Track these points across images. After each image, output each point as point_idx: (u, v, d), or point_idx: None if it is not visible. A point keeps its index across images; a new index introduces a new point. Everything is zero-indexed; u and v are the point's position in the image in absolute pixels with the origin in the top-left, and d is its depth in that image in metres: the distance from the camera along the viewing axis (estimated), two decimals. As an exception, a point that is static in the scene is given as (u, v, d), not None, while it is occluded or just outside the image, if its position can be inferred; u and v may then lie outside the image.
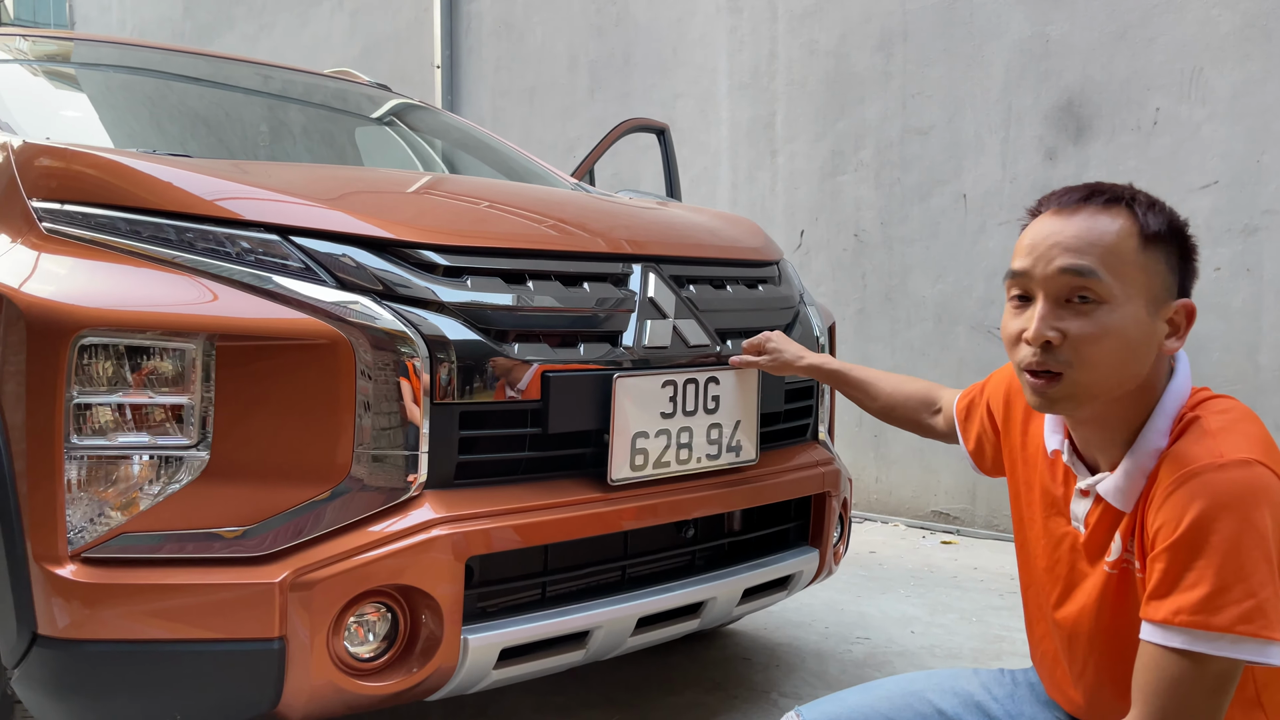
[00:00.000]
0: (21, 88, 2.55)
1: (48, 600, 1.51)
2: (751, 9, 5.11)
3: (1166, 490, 1.15)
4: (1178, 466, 1.15)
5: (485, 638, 1.66)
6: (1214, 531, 1.09)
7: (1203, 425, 1.18)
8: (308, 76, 3.42)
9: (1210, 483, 1.11)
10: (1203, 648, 1.09)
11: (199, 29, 9.79)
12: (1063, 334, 1.18)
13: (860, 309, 4.68)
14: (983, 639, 2.93)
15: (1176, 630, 1.10)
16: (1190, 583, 1.10)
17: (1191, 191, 3.66)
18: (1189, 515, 1.11)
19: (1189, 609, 1.09)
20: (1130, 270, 1.17)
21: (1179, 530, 1.12)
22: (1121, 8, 3.82)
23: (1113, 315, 1.17)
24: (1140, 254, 1.18)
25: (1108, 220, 1.18)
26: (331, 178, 2.03)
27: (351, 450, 1.59)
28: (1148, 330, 1.19)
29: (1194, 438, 1.17)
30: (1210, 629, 1.08)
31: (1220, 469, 1.12)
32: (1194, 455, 1.15)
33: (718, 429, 1.95)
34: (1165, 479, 1.16)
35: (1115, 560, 1.26)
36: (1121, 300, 1.17)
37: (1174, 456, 1.17)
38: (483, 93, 6.76)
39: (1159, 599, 1.13)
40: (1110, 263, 1.17)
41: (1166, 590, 1.12)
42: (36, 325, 1.53)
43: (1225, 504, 1.10)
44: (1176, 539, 1.12)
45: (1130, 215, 1.19)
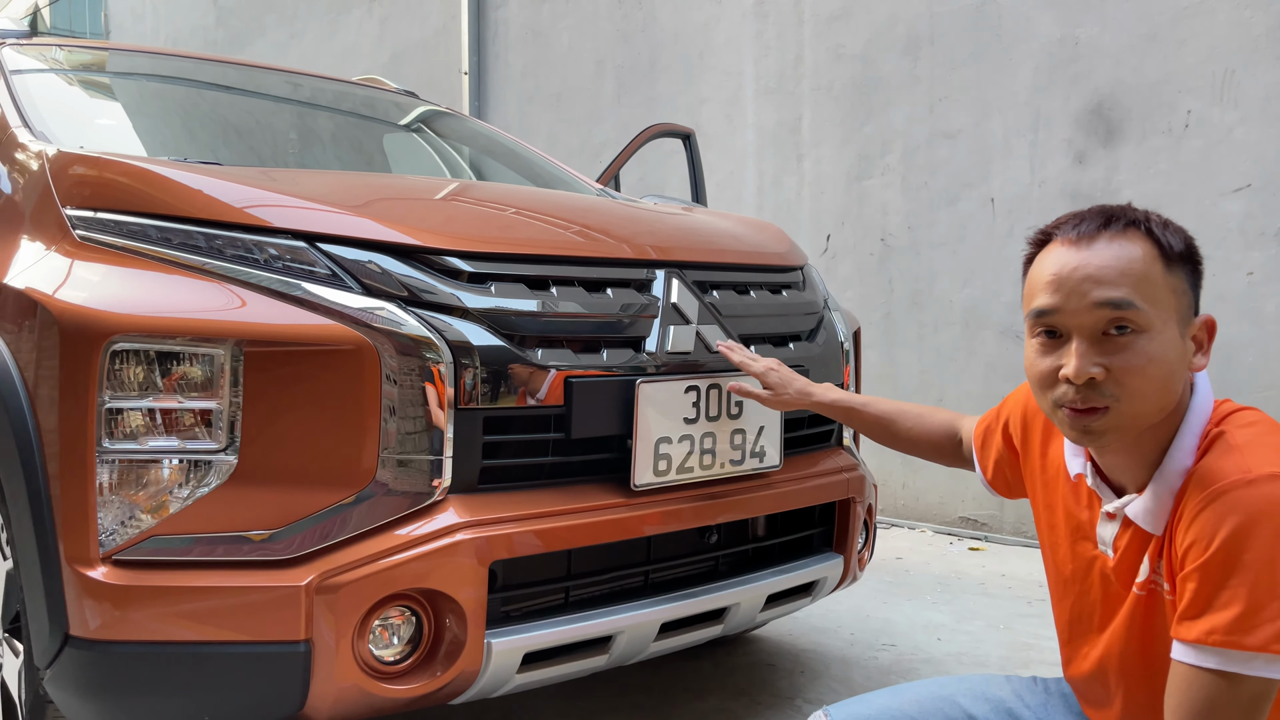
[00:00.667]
0: (57, 97, 2.60)
1: (79, 601, 1.54)
2: (777, 13, 5.10)
3: (1195, 508, 1.12)
4: (1206, 484, 1.13)
5: (509, 642, 1.67)
6: (1246, 549, 1.07)
7: (1228, 440, 1.16)
8: (336, 84, 3.45)
9: (1240, 499, 1.09)
10: (1237, 668, 1.07)
11: (231, 36, 9.92)
12: (1105, 369, 1.15)
13: (887, 314, 4.66)
14: (1010, 647, 2.91)
15: (1210, 650, 1.08)
16: (1223, 602, 1.08)
17: (1224, 195, 3.61)
18: (1220, 533, 1.08)
19: (1222, 629, 1.07)
20: (1162, 294, 1.15)
21: (1210, 549, 1.09)
22: (1152, 9, 3.78)
23: (1153, 343, 1.14)
24: (1167, 276, 1.15)
25: (1130, 246, 1.16)
26: (358, 185, 2.05)
27: (377, 455, 1.60)
28: (1182, 352, 1.17)
29: (1220, 453, 1.15)
30: (1244, 649, 1.06)
31: (1250, 485, 1.09)
32: (1222, 471, 1.12)
33: (741, 434, 1.95)
34: (1193, 497, 1.14)
35: (1143, 582, 1.23)
36: (1159, 327, 1.15)
37: (1201, 474, 1.14)
38: (509, 98, 6.80)
39: (1191, 619, 1.10)
40: (1144, 290, 1.14)
41: (1199, 610, 1.10)
42: (69, 331, 1.56)
43: (1257, 520, 1.07)
44: (1208, 558, 1.09)
45: (1149, 238, 1.16)
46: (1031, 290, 1.22)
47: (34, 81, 2.51)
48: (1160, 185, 3.77)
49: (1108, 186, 3.91)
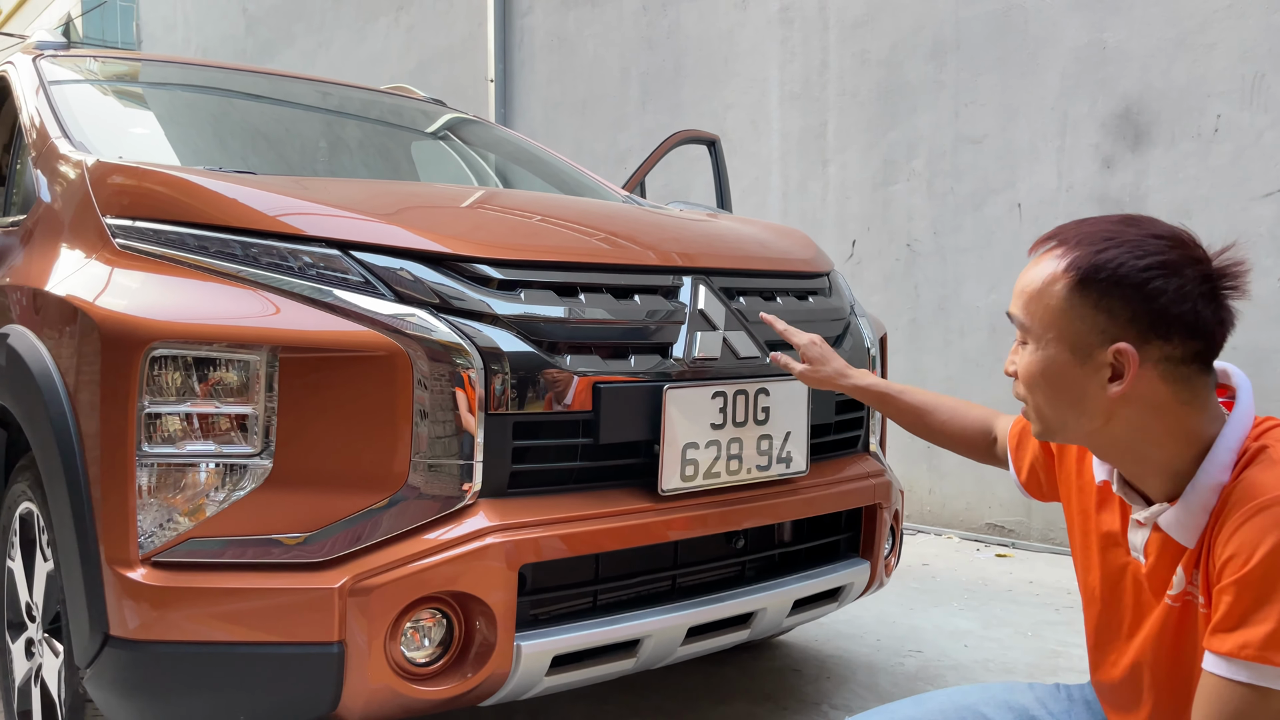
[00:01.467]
0: (94, 107, 2.65)
1: (119, 602, 1.57)
2: (803, 19, 5.11)
3: (1237, 522, 1.13)
4: (1248, 498, 1.13)
5: (538, 645, 1.68)
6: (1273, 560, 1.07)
7: (1271, 455, 1.16)
8: (365, 92, 3.50)
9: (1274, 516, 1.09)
10: (1269, 683, 1.07)
11: (260, 45, 10.04)
12: (1015, 371, 1.28)
13: (913, 319, 4.65)
14: (1038, 654, 2.90)
15: (1242, 664, 1.09)
16: (1260, 617, 1.08)
17: (1254, 200, 3.58)
18: (1260, 549, 1.09)
19: (1257, 644, 1.07)
20: (1050, 315, 1.21)
21: (1249, 564, 1.09)
22: (1181, 13, 3.76)
23: (1033, 357, 1.24)
24: (1066, 299, 1.19)
25: (1045, 265, 1.23)
26: (389, 193, 2.08)
27: (409, 459, 1.63)
28: (1074, 374, 1.20)
29: (1262, 468, 1.15)
30: (1277, 664, 1.07)
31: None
32: (1265, 486, 1.12)
33: (768, 440, 1.96)
34: (1235, 511, 1.14)
35: (1178, 594, 1.24)
36: (1042, 345, 1.23)
37: (1244, 487, 1.15)
38: (535, 105, 6.84)
39: (1225, 631, 1.11)
40: (1032, 308, 1.23)
41: (1234, 624, 1.10)
42: (110, 337, 1.60)
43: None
44: (1246, 572, 1.10)
45: (1064, 260, 1.20)
46: None
47: (71, 92, 2.56)
48: (1189, 190, 3.74)
49: (1136, 191, 3.89)
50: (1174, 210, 3.78)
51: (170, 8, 12.15)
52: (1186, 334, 1.17)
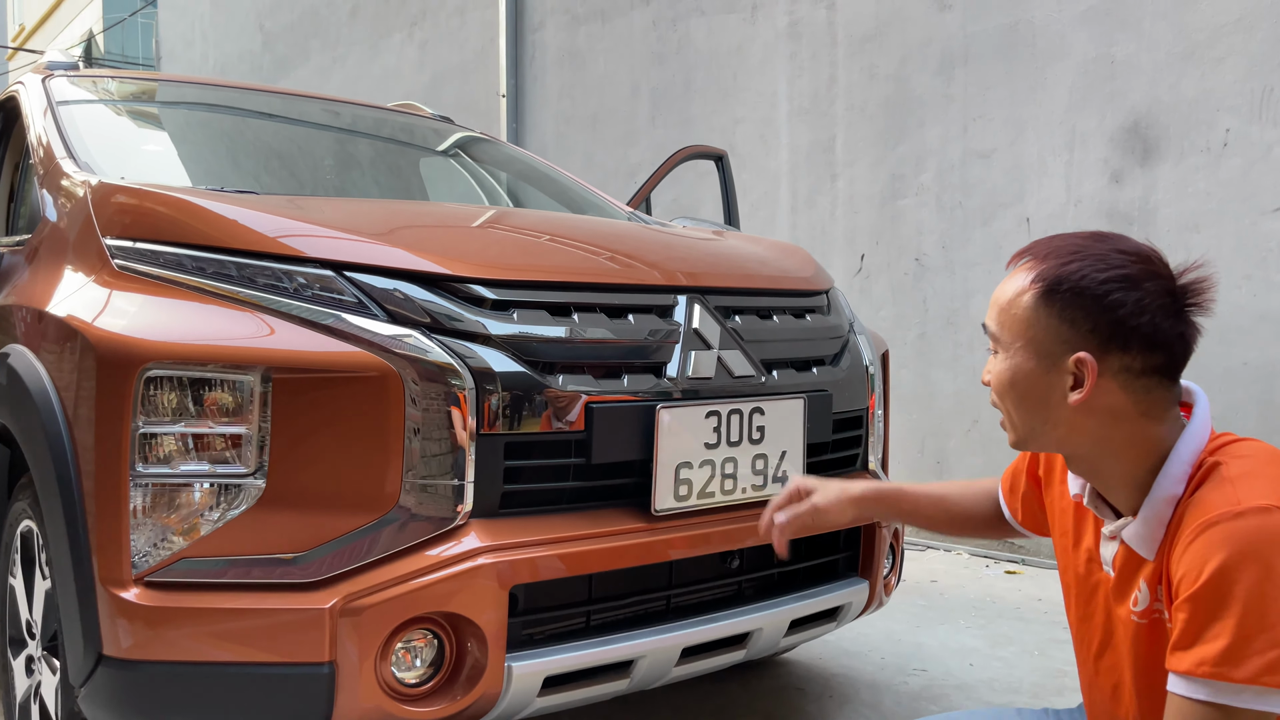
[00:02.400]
0: (102, 127, 2.68)
1: (113, 622, 1.58)
2: (811, 34, 5.12)
3: (1187, 540, 1.14)
4: (1197, 515, 1.15)
5: (529, 665, 1.68)
6: (1235, 581, 1.08)
7: (1222, 472, 1.17)
8: (373, 110, 3.52)
9: (1229, 531, 1.10)
10: (1227, 700, 1.07)
11: (277, 61, 10.14)
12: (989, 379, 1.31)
13: (922, 333, 4.64)
14: (1044, 673, 2.87)
15: (1200, 682, 1.09)
16: (1213, 634, 1.08)
17: (1264, 214, 3.56)
18: (1209, 565, 1.10)
19: (1211, 660, 1.08)
20: (1018, 325, 1.25)
21: (1200, 580, 1.10)
22: (1189, 27, 3.74)
23: (1002, 364, 1.27)
24: (1032, 310, 1.23)
25: (1018, 278, 1.27)
26: (384, 213, 2.09)
27: (400, 480, 1.63)
28: (1040, 383, 1.24)
29: (1213, 485, 1.16)
30: (1233, 681, 1.06)
31: (1238, 517, 1.10)
32: (1212, 503, 1.14)
33: (763, 459, 1.95)
34: (1186, 528, 1.15)
35: (1145, 610, 1.24)
36: (1010, 354, 1.26)
37: (1194, 505, 1.16)
38: (546, 120, 6.87)
39: (1182, 650, 1.11)
40: (1002, 319, 1.27)
41: (1189, 641, 1.11)
42: (106, 358, 1.61)
43: (1246, 553, 1.08)
44: (1197, 589, 1.10)
45: (1032, 273, 1.25)
46: None
47: (79, 112, 2.60)
48: (1198, 204, 3.72)
49: (1145, 205, 3.87)
50: (1183, 224, 3.76)
51: (189, 25, 12.30)
52: (1145, 346, 1.19)
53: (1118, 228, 3.93)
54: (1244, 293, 3.60)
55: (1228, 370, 3.62)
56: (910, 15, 4.67)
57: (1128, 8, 3.91)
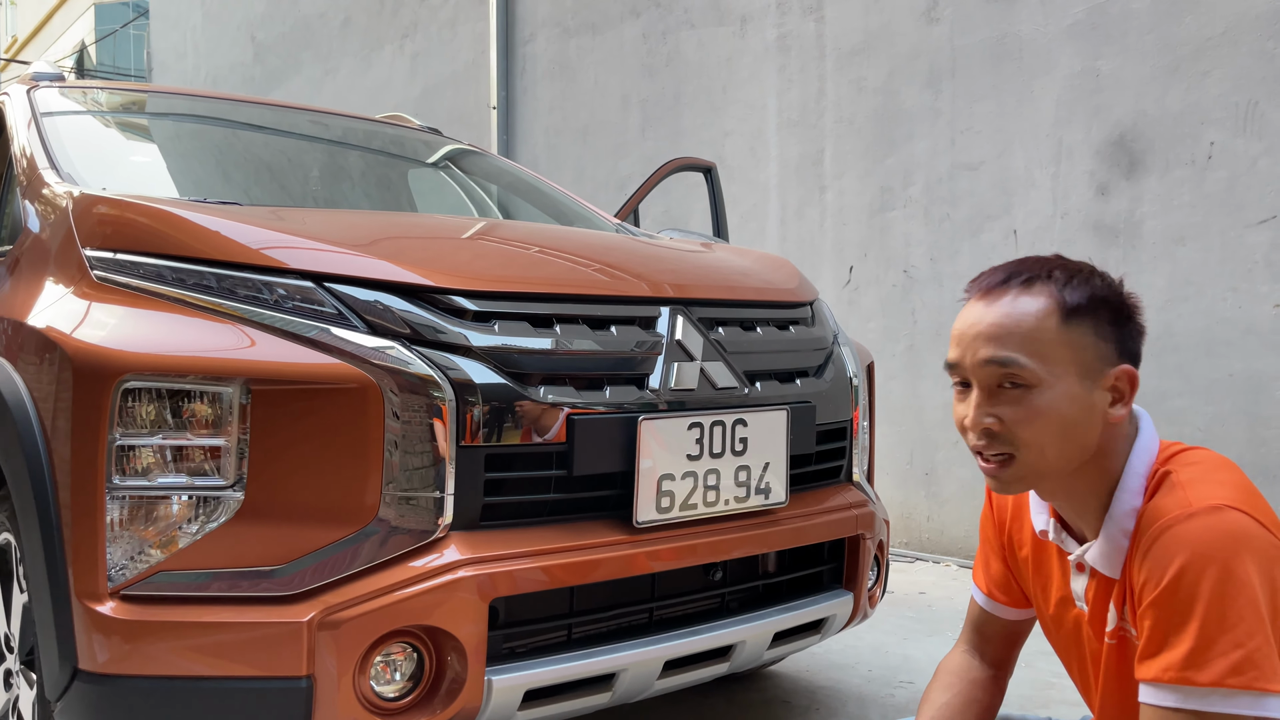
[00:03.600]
0: (86, 139, 2.68)
1: (88, 636, 1.57)
2: (800, 47, 5.14)
3: (1144, 547, 1.15)
4: (1151, 522, 1.15)
5: (510, 679, 1.67)
6: (1194, 583, 1.08)
7: (1173, 479, 1.18)
8: (362, 122, 3.52)
9: (1181, 534, 1.11)
10: (1195, 704, 1.07)
11: (268, 73, 10.14)
12: (999, 419, 1.19)
13: (910, 345, 4.64)
14: (1031, 685, 2.86)
15: (1167, 688, 1.09)
16: (1176, 639, 1.09)
17: (1249, 227, 3.57)
18: (1168, 569, 1.10)
19: (1176, 665, 1.08)
20: (1053, 349, 1.18)
21: (1160, 585, 1.11)
22: (1174, 41, 3.77)
23: (1043, 397, 1.18)
24: (1062, 330, 1.18)
25: (1028, 301, 1.19)
26: (366, 224, 2.09)
27: (379, 492, 1.62)
28: (1085, 404, 1.19)
29: (1165, 492, 1.17)
30: (1198, 684, 1.06)
31: (1189, 518, 1.11)
32: (1165, 509, 1.15)
33: (746, 471, 1.95)
34: (1143, 536, 1.16)
35: (1114, 630, 1.24)
36: (1050, 381, 1.18)
37: (1149, 513, 1.17)
38: (537, 132, 6.88)
39: (1149, 657, 1.11)
40: (1031, 347, 1.17)
41: (1155, 648, 1.11)
42: (82, 369, 1.60)
43: (1202, 554, 1.09)
44: (1158, 594, 1.11)
45: (1048, 293, 1.19)
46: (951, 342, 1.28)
47: (63, 124, 2.59)
48: (1184, 217, 3.74)
49: (1131, 218, 3.89)
50: (1169, 237, 3.77)
51: (181, 36, 12.30)
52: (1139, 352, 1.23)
53: (1104, 240, 3.95)
54: (1229, 305, 3.61)
55: (1214, 382, 3.63)
56: (898, 28, 4.70)
57: (1113, 22, 3.93)
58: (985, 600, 1.55)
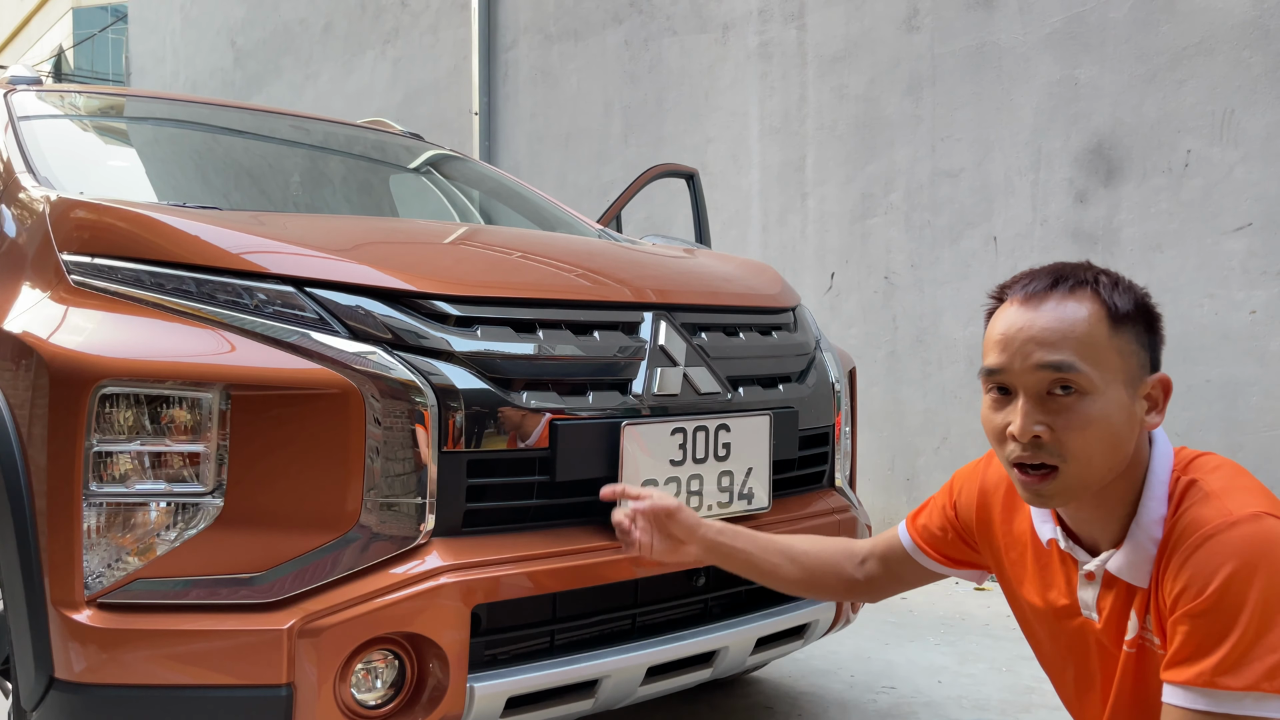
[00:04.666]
0: (64, 142, 2.65)
1: (65, 644, 1.55)
2: (782, 55, 5.16)
3: (1184, 555, 1.14)
4: (1191, 530, 1.15)
5: (492, 686, 1.66)
6: (1240, 591, 1.08)
7: (1202, 487, 1.18)
8: (343, 127, 3.51)
9: (1226, 543, 1.11)
10: (1227, 708, 1.07)
11: (248, 78, 10.09)
12: (1049, 428, 1.16)
13: (891, 351, 4.66)
14: (1012, 690, 2.87)
15: (1199, 692, 1.09)
16: (1212, 644, 1.09)
17: (1225, 234, 3.61)
18: (1215, 578, 1.10)
19: (1211, 670, 1.08)
20: (1106, 355, 1.16)
21: (1204, 593, 1.10)
22: (1150, 50, 3.80)
23: (1096, 404, 1.15)
24: (1113, 337, 1.17)
25: (1076, 306, 1.17)
26: (348, 229, 2.08)
27: (361, 498, 1.61)
28: (1130, 412, 1.18)
29: (1199, 500, 1.16)
30: (1233, 689, 1.07)
31: (1233, 526, 1.11)
32: (1205, 518, 1.14)
33: (729, 476, 1.95)
34: (1181, 545, 1.15)
35: (1133, 639, 1.23)
36: (1103, 388, 1.16)
37: (1186, 522, 1.16)
38: (519, 138, 6.88)
39: (1181, 662, 1.11)
40: (1086, 352, 1.15)
41: (1189, 653, 1.11)
42: (59, 375, 1.59)
43: (1245, 561, 1.09)
44: (1201, 602, 1.11)
45: (1097, 299, 1.18)
46: (985, 347, 1.24)
47: (41, 128, 2.56)
48: (1161, 224, 3.77)
49: (1109, 225, 3.92)
50: (1146, 244, 3.81)
51: (160, 40, 12.23)
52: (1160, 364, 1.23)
53: (1083, 247, 3.98)
54: (1206, 311, 3.64)
55: (1190, 387, 3.66)
56: (879, 36, 4.72)
57: (1091, 31, 3.97)
58: (909, 543, 1.54)
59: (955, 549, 1.51)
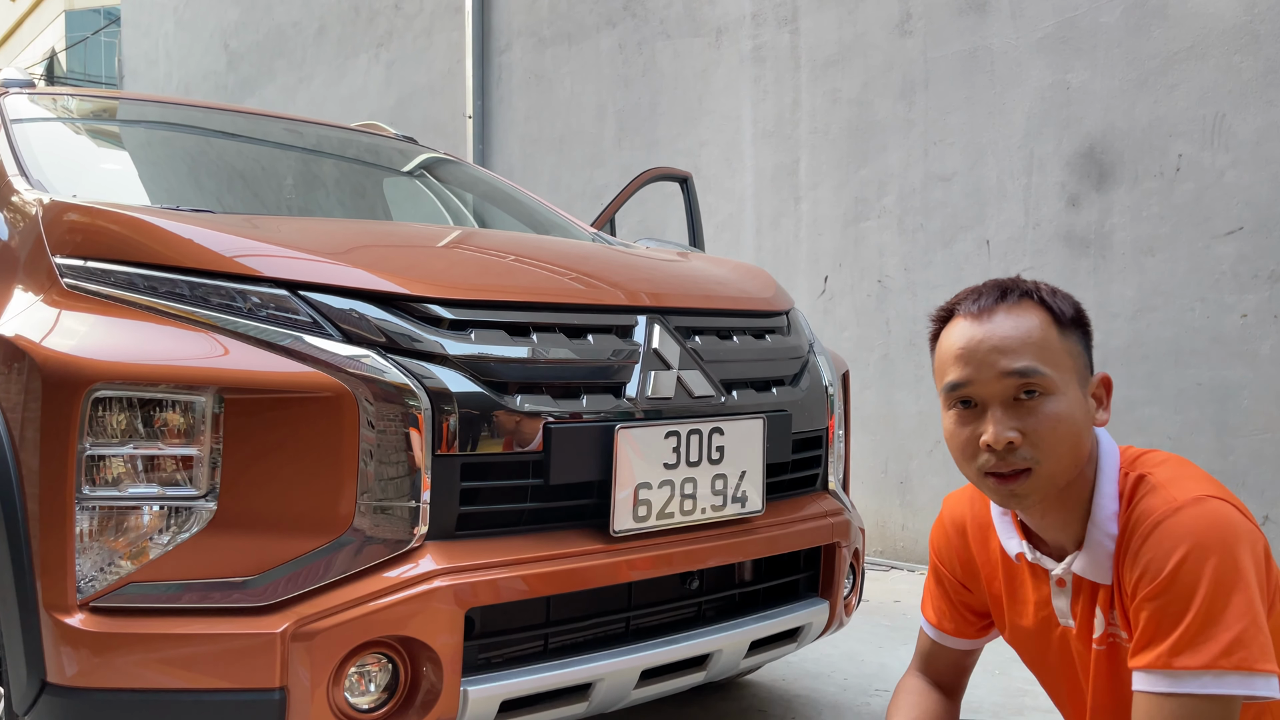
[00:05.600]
0: (57, 145, 2.65)
1: (57, 648, 1.54)
2: (775, 59, 5.17)
3: (1138, 543, 1.18)
4: (1142, 520, 1.19)
5: (486, 689, 1.66)
6: (1193, 572, 1.12)
7: (1150, 480, 1.23)
8: (337, 130, 3.51)
9: (1175, 526, 1.15)
10: (1186, 687, 1.09)
11: (241, 81, 10.08)
12: (1021, 432, 1.20)
13: (884, 355, 4.67)
14: (1005, 693, 2.88)
15: (1160, 674, 1.11)
16: (1170, 625, 1.12)
17: (1216, 238, 3.63)
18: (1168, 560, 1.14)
19: (1168, 650, 1.11)
20: (1060, 357, 1.22)
21: (1158, 577, 1.14)
22: (1142, 55, 3.82)
23: (1061, 403, 1.21)
24: (1062, 340, 1.23)
25: (1026, 316, 1.23)
26: (341, 232, 2.08)
27: (354, 502, 1.61)
28: (1085, 410, 1.25)
29: (1147, 492, 1.22)
30: (1190, 668, 1.09)
31: (1179, 510, 1.16)
32: (1153, 507, 1.19)
33: (722, 479, 1.95)
34: (1135, 535, 1.19)
35: (1101, 635, 1.25)
36: (1063, 388, 1.22)
37: (1138, 514, 1.21)
38: (513, 141, 6.88)
39: (1143, 648, 1.15)
40: (1044, 355, 1.21)
41: (1149, 637, 1.15)
42: (52, 378, 1.58)
43: (1197, 543, 1.13)
44: (1156, 585, 1.14)
45: (1043, 306, 1.24)
46: (942, 365, 1.28)
47: (34, 130, 2.56)
48: (1153, 228, 3.79)
49: (1101, 229, 3.93)
50: (1138, 248, 3.82)
51: (153, 44, 12.21)
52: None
53: (1075, 250, 4.00)
54: (1197, 315, 3.66)
55: (1182, 391, 3.67)
56: (872, 41, 4.74)
57: (1082, 35, 3.99)
58: (935, 633, 1.57)
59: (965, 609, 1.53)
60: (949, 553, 1.50)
